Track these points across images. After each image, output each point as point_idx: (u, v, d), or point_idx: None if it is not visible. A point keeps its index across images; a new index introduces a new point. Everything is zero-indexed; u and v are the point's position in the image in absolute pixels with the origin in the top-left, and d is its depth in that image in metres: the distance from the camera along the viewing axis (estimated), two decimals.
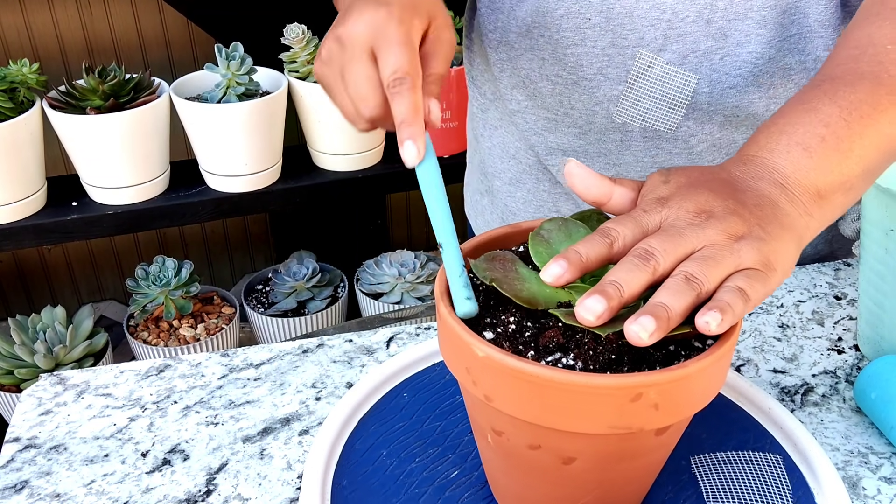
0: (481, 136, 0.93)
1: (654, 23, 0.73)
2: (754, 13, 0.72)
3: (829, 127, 0.53)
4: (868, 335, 0.71)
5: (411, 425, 0.62)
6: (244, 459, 0.63)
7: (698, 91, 0.76)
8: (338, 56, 0.56)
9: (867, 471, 0.61)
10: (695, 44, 0.74)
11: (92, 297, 2.01)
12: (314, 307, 1.76)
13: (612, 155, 0.81)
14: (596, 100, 0.78)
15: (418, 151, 0.52)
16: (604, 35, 0.75)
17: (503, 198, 0.92)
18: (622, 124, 0.79)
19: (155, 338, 1.66)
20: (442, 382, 0.66)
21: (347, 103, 0.57)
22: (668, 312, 0.43)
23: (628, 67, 0.76)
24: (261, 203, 1.57)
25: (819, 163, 0.52)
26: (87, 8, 1.71)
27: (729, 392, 0.64)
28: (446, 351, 0.49)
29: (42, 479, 0.61)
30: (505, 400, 0.45)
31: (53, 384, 0.70)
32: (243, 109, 1.43)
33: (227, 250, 2.07)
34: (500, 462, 0.52)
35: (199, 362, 0.73)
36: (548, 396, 0.43)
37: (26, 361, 1.53)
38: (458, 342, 0.46)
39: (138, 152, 1.43)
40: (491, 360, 0.44)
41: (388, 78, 0.53)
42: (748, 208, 0.48)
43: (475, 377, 0.46)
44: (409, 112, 0.52)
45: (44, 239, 1.47)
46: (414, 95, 0.53)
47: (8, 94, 1.36)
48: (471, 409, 0.52)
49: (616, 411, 0.44)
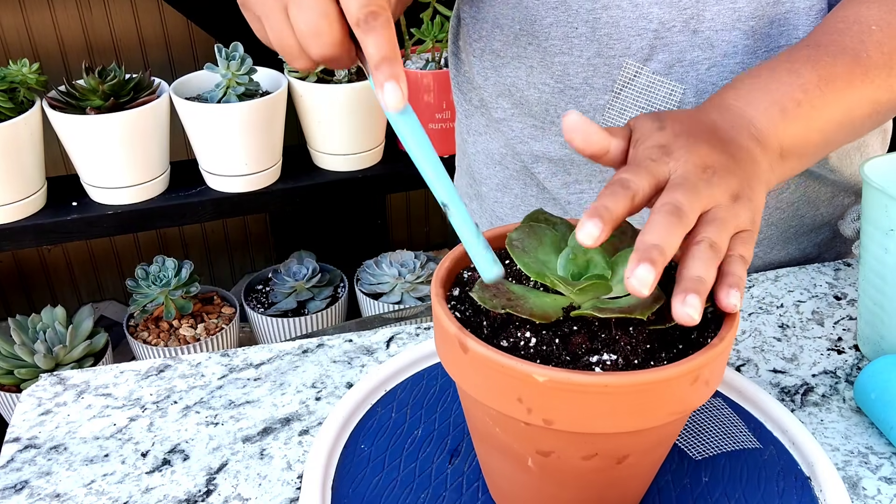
0: (466, 141, 0.92)
1: (641, 32, 0.73)
2: (742, 24, 0.72)
3: (806, 94, 0.57)
4: (868, 335, 0.71)
5: (411, 425, 0.62)
6: (244, 459, 0.63)
7: (684, 101, 0.75)
8: None
9: (867, 471, 0.61)
10: (681, 53, 0.73)
11: (92, 297, 2.01)
12: (314, 307, 1.76)
13: (598, 164, 0.81)
14: (582, 109, 0.78)
15: (402, 93, 0.46)
16: (590, 44, 0.74)
17: (490, 203, 0.92)
18: None
19: (155, 338, 1.66)
20: (442, 382, 0.66)
21: (288, 36, 0.50)
22: (705, 285, 0.44)
23: (614, 77, 0.75)
24: (261, 203, 1.57)
25: (790, 126, 0.56)
26: (87, 8, 1.71)
27: (729, 392, 0.64)
28: (478, 388, 0.45)
29: (42, 479, 0.61)
30: (569, 418, 0.43)
31: (53, 384, 0.70)
32: (243, 109, 1.43)
33: (227, 250, 2.07)
34: (538, 481, 0.50)
35: (199, 362, 0.73)
36: (617, 402, 0.43)
37: (26, 361, 1.53)
38: (505, 374, 0.43)
39: (138, 152, 1.43)
40: (555, 383, 0.42)
41: (357, 12, 0.46)
42: (740, 165, 0.51)
43: (532, 404, 0.43)
44: (388, 49, 0.46)
45: (44, 239, 1.47)
46: (390, 31, 0.47)
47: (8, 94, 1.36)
48: (501, 438, 0.49)
49: (679, 397, 0.44)
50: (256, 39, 0.54)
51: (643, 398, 0.43)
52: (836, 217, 0.89)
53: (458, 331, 0.45)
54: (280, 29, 0.50)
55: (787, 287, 0.82)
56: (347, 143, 1.57)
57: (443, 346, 0.48)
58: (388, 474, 0.58)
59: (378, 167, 1.63)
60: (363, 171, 1.61)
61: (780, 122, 0.55)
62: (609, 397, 0.42)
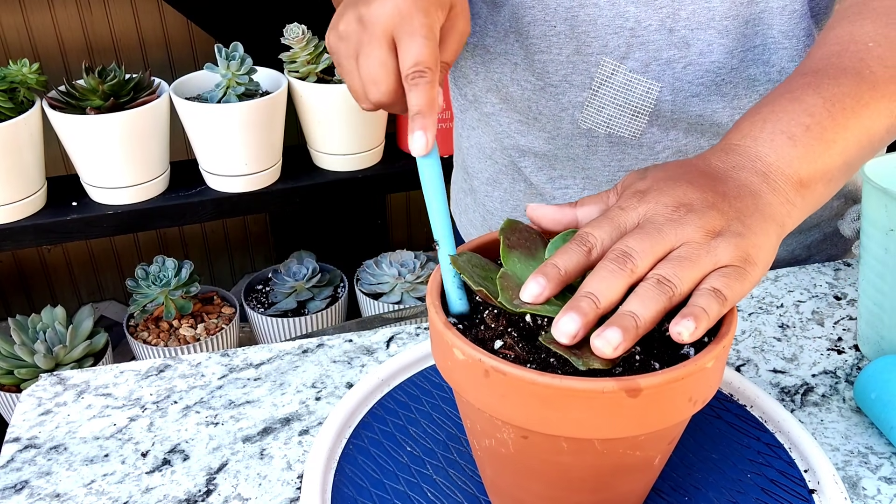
0: (461, 136, 0.94)
1: (618, 31, 0.73)
2: (716, 23, 0.72)
3: (813, 117, 0.53)
4: (868, 335, 0.71)
5: (411, 425, 0.62)
6: (244, 459, 0.63)
7: (661, 99, 0.75)
8: (355, 35, 0.56)
9: (867, 471, 0.61)
10: (657, 52, 0.73)
11: (92, 297, 2.01)
12: (314, 307, 1.76)
13: (580, 160, 0.82)
14: (562, 106, 0.78)
15: (427, 142, 0.51)
16: (568, 42, 0.75)
17: (482, 197, 0.93)
18: (588, 130, 0.79)
19: (155, 338, 1.66)
20: (441, 382, 0.66)
21: (356, 82, 0.57)
22: (637, 321, 0.43)
23: (592, 74, 0.75)
24: (261, 203, 1.57)
25: (803, 152, 0.52)
26: (87, 8, 1.71)
27: (729, 392, 0.64)
28: (497, 408, 0.46)
29: (42, 479, 0.61)
30: (611, 427, 0.44)
31: (53, 384, 0.70)
32: (243, 109, 1.43)
33: (227, 250, 2.07)
34: (542, 487, 0.50)
35: (199, 362, 0.73)
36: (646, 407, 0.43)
37: (26, 361, 1.53)
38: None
39: (138, 152, 1.43)
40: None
41: (408, 69, 0.53)
42: (728, 200, 0.48)
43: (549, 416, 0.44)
44: (425, 104, 0.52)
45: (44, 239, 1.47)
46: (432, 90, 0.53)
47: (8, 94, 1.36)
48: (504, 444, 0.49)
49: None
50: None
51: (662, 400, 0.43)
52: (826, 219, 0.89)
53: (479, 354, 0.45)
54: (350, 74, 0.57)
55: (787, 287, 0.82)
56: (347, 143, 1.57)
57: (445, 362, 0.48)
58: (389, 474, 0.58)
59: (378, 167, 1.63)
60: (363, 171, 1.61)
61: (791, 150, 0.52)
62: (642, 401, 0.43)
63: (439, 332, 0.47)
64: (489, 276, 0.49)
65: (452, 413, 0.63)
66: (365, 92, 0.56)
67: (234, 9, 1.64)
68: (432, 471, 0.58)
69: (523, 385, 0.43)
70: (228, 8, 1.64)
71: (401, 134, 1.67)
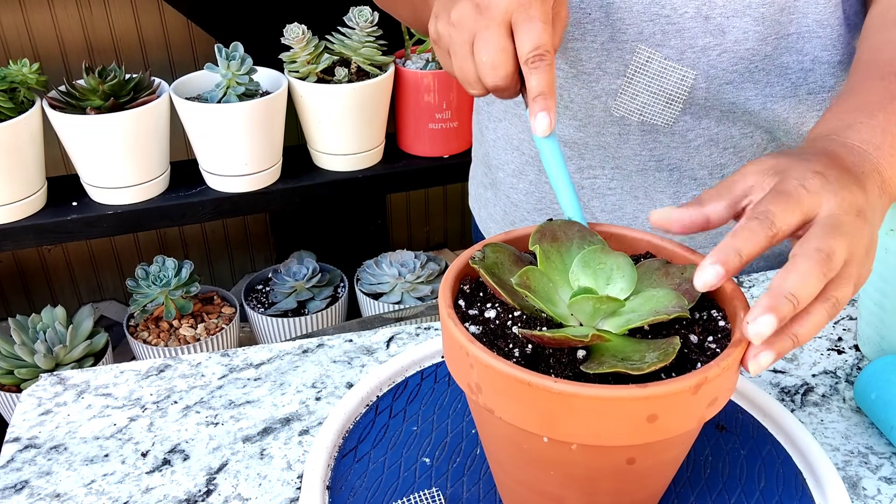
0: (486, 128, 0.94)
1: (653, 18, 0.74)
2: (752, 10, 0.73)
3: None
4: (868, 335, 0.71)
5: (411, 425, 0.62)
6: (244, 459, 0.63)
7: (695, 86, 0.76)
8: (471, 20, 0.57)
9: (867, 471, 0.61)
10: (692, 39, 0.74)
11: (92, 297, 2.01)
12: (314, 307, 1.76)
13: (611, 148, 0.82)
14: (594, 94, 0.79)
15: (550, 122, 0.54)
16: (603, 30, 0.75)
17: (506, 189, 0.93)
18: (620, 118, 0.79)
19: (155, 338, 1.66)
20: (441, 382, 0.66)
21: (469, 67, 0.58)
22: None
23: (627, 62, 0.76)
24: (261, 203, 1.57)
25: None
26: (87, 8, 1.71)
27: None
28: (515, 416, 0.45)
29: (42, 479, 0.61)
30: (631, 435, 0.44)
31: (53, 384, 0.70)
32: (243, 109, 1.43)
33: (227, 250, 2.07)
34: (559, 489, 0.50)
35: (199, 362, 0.73)
36: (667, 409, 0.44)
37: (26, 361, 1.53)
38: (565, 405, 0.43)
39: (138, 152, 1.43)
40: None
41: (528, 53, 0.55)
42: (874, 216, 0.50)
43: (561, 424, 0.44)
44: (546, 86, 0.54)
45: (44, 239, 1.47)
46: (551, 72, 0.55)
47: (8, 94, 1.36)
48: (523, 451, 0.49)
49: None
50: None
51: (681, 403, 0.44)
52: None
53: (518, 371, 0.44)
54: (464, 59, 0.58)
55: None
56: (347, 143, 1.57)
57: (463, 370, 0.48)
58: (389, 474, 0.58)
59: (378, 167, 1.63)
60: (363, 171, 1.61)
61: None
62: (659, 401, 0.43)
63: (458, 343, 0.46)
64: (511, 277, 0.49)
65: (453, 412, 0.63)
66: (480, 76, 0.57)
67: (234, 9, 1.64)
68: (433, 471, 0.58)
69: (550, 395, 0.43)
70: (228, 8, 1.64)
71: (401, 134, 1.67)
